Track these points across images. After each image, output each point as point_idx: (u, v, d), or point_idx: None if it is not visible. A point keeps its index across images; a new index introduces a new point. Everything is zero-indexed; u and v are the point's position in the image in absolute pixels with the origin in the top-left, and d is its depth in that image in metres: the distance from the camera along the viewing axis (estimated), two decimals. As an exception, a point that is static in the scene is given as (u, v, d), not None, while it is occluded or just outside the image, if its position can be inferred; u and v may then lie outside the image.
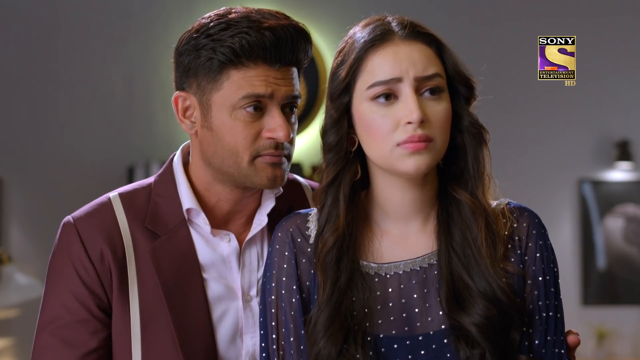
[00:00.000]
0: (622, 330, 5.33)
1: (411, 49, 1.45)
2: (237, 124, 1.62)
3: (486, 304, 1.44)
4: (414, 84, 1.43)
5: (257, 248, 1.72)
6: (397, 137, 1.43)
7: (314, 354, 1.46)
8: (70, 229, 1.66)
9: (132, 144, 5.18)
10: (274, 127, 1.62)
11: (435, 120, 1.44)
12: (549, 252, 1.52)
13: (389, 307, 1.48)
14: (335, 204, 1.50)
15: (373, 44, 1.46)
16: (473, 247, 1.47)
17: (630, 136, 5.40)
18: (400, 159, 1.44)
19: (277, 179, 1.65)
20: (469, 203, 1.48)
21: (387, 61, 1.44)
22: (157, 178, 1.74)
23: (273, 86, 1.61)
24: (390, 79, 1.43)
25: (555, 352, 1.49)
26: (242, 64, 1.60)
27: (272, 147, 1.63)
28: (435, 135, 1.44)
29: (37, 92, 5.17)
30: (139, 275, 1.64)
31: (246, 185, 1.66)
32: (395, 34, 1.46)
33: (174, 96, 1.69)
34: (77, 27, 5.21)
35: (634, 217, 5.43)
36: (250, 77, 1.60)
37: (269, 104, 1.62)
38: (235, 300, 1.69)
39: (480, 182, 1.50)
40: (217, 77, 1.62)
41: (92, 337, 1.63)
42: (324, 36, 5.32)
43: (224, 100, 1.62)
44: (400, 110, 1.43)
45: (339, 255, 1.49)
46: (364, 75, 1.46)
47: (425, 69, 1.44)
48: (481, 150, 1.50)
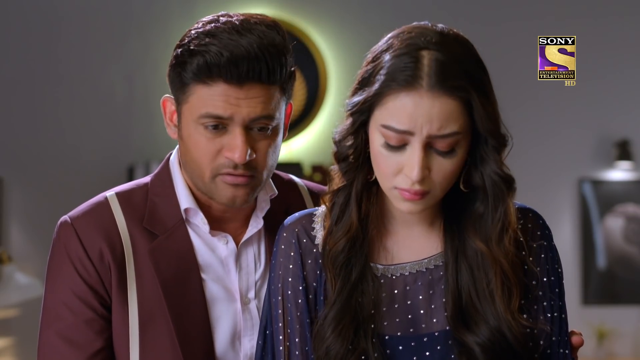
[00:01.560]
0: (622, 330, 5.33)
1: (433, 104, 1.36)
2: (200, 139, 1.60)
3: (493, 332, 1.42)
4: (425, 140, 1.38)
5: (254, 250, 1.72)
6: (396, 181, 1.40)
7: (324, 350, 1.45)
8: (68, 228, 1.66)
9: (132, 144, 5.18)
10: (231, 147, 1.59)
11: (439, 174, 1.40)
12: (553, 253, 1.51)
13: (395, 308, 1.48)
14: (346, 204, 1.48)
15: (397, 86, 1.38)
16: (486, 287, 1.44)
17: (630, 136, 5.40)
18: (396, 199, 1.42)
19: (236, 199, 1.62)
20: (484, 252, 1.45)
21: (405, 111, 1.37)
22: (154, 177, 1.73)
23: (233, 107, 1.57)
24: (403, 130, 1.38)
25: (560, 353, 1.49)
26: (203, 82, 1.58)
27: (230, 166, 1.60)
28: (434, 188, 1.40)
29: (37, 91, 5.17)
30: (137, 274, 1.64)
31: (213, 199, 1.65)
32: (423, 80, 1.37)
33: (162, 98, 1.69)
34: (77, 27, 5.21)
35: (634, 216, 5.43)
36: (212, 96, 1.57)
37: (231, 124, 1.59)
38: (233, 302, 1.68)
39: (496, 230, 1.45)
40: (185, 90, 1.61)
41: (97, 337, 1.63)
42: (323, 36, 5.32)
43: (191, 113, 1.61)
44: (405, 159, 1.39)
45: (351, 254, 1.47)
46: (382, 109, 1.40)
47: (442, 127, 1.37)
48: (503, 200, 1.44)
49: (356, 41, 5.23)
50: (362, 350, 1.44)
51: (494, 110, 1.41)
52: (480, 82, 1.40)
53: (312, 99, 5.26)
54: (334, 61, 5.32)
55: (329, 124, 5.22)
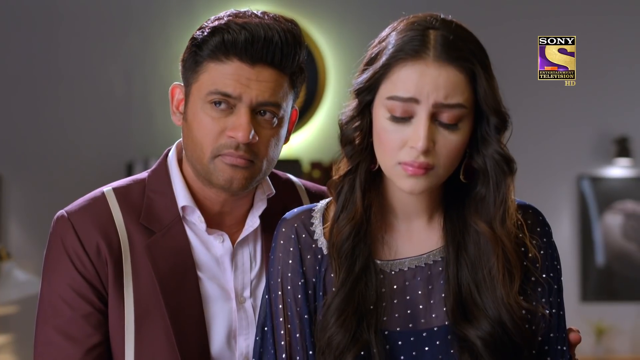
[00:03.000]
0: (621, 327, 5.33)
1: (439, 73, 1.39)
2: (204, 118, 1.62)
3: (493, 324, 1.43)
4: (432, 109, 1.39)
5: (250, 249, 1.72)
6: (400, 156, 1.41)
7: (326, 340, 1.45)
8: (65, 223, 1.66)
9: (131, 141, 5.18)
10: (235, 126, 1.60)
11: (444, 148, 1.41)
12: (552, 249, 1.52)
13: (394, 304, 1.48)
14: (352, 191, 1.49)
15: (404, 57, 1.41)
16: (487, 273, 1.45)
17: (629, 132, 5.40)
18: (398, 176, 1.43)
19: (233, 181, 1.63)
20: (486, 234, 1.46)
21: (411, 79, 1.40)
22: (151, 173, 1.73)
23: (243, 87, 1.60)
24: (408, 98, 1.40)
25: (558, 349, 1.50)
26: (218, 59, 1.61)
27: (232, 147, 1.61)
28: (438, 163, 1.41)
29: (36, 88, 5.17)
30: (134, 270, 1.64)
31: (211, 184, 1.66)
32: (430, 51, 1.40)
33: (172, 86, 1.71)
34: (76, 24, 5.20)
35: (633, 213, 5.43)
36: (224, 74, 1.60)
37: (238, 104, 1.61)
38: (228, 301, 1.68)
39: (500, 211, 1.46)
40: (197, 69, 1.63)
41: (95, 332, 1.63)
42: (323, 33, 5.32)
43: (198, 92, 1.63)
44: (410, 131, 1.40)
45: (355, 243, 1.48)
46: (387, 83, 1.42)
47: (448, 96, 1.39)
48: (505, 180, 1.46)
49: (355, 39, 5.23)
50: (365, 342, 1.44)
51: (497, 89, 1.44)
52: (484, 61, 1.43)
53: (312, 95, 5.26)
54: (333, 58, 5.32)
55: (328, 120, 5.22)
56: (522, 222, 1.49)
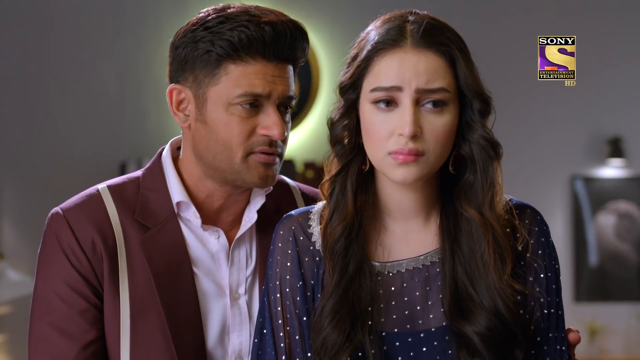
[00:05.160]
0: (614, 327, 5.34)
1: (419, 58, 1.42)
2: (232, 119, 1.61)
3: (490, 316, 1.43)
4: (415, 95, 1.41)
5: (246, 245, 1.72)
6: (389, 145, 1.42)
7: (320, 341, 1.45)
8: (60, 219, 1.65)
9: (125, 140, 5.17)
10: (269, 124, 1.61)
11: (431, 134, 1.42)
12: (550, 249, 1.52)
13: (392, 305, 1.48)
14: (343, 192, 1.50)
15: (383, 47, 1.44)
16: (480, 261, 1.45)
17: (622, 133, 5.41)
18: (389, 167, 1.43)
19: (268, 178, 1.65)
20: (476, 220, 1.46)
21: (392, 68, 1.42)
22: (145, 172, 1.73)
23: (271, 85, 1.60)
24: (391, 87, 1.42)
25: (557, 349, 1.50)
26: (240, 59, 1.60)
27: (266, 144, 1.62)
28: (427, 149, 1.42)
29: (30, 88, 5.15)
30: (129, 266, 1.63)
31: (236, 183, 1.66)
32: (407, 39, 1.43)
33: (168, 88, 1.69)
34: (69, 23, 5.19)
35: (626, 213, 5.44)
36: (249, 74, 1.60)
37: (265, 102, 1.61)
38: (222, 297, 1.68)
39: (488, 196, 1.47)
40: (214, 71, 1.61)
41: (91, 328, 1.62)
42: (316, 34, 5.32)
43: (220, 95, 1.62)
44: (396, 119, 1.42)
45: (347, 243, 1.48)
46: (370, 76, 1.44)
47: (429, 81, 1.41)
48: (492, 165, 1.47)
49: (349, 38, 5.20)
50: (359, 342, 1.45)
51: (477, 73, 1.46)
52: (461, 47, 1.45)
53: (305, 96, 5.26)
54: (327, 58, 5.32)
55: (321, 120, 5.22)
56: (511, 207, 1.50)
